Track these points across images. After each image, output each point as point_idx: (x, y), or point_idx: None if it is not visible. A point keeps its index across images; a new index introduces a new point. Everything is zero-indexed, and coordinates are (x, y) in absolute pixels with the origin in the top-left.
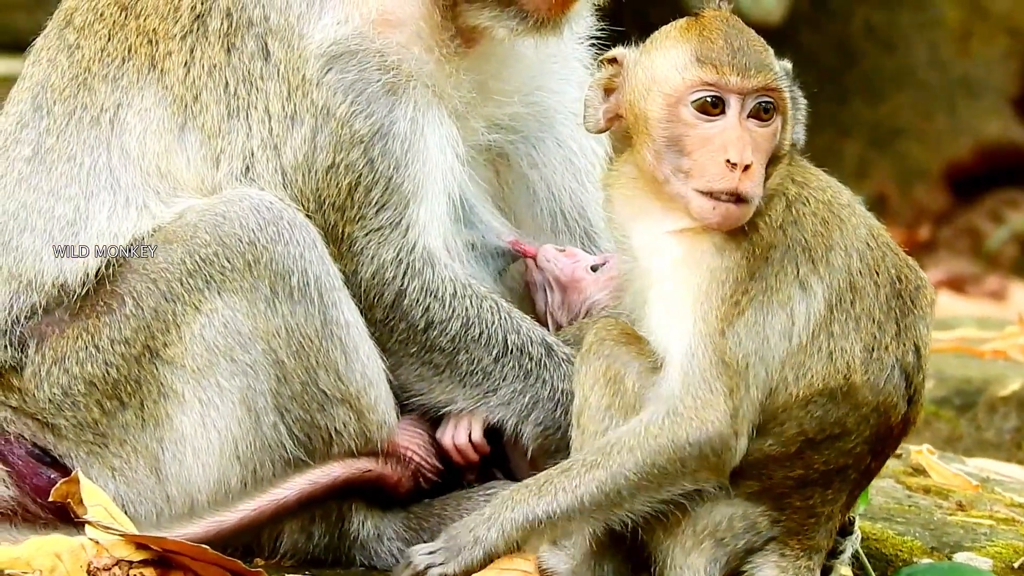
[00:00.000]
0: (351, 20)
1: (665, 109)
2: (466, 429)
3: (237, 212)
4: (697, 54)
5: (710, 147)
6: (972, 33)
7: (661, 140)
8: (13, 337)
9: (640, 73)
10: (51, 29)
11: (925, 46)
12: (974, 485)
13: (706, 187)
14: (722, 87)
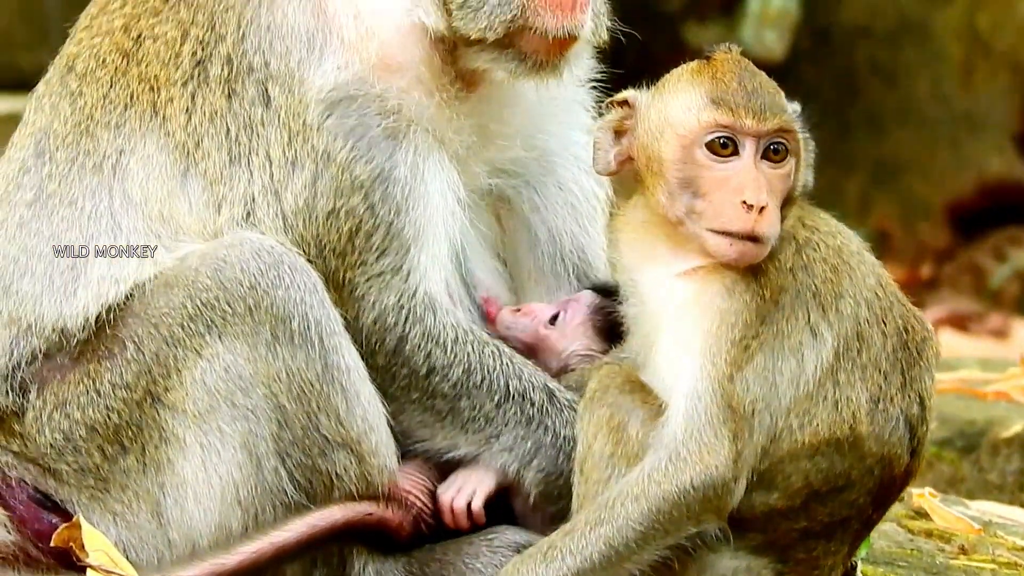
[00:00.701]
0: (351, 65)
1: (680, 151)
2: (467, 495)
3: (238, 256)
4: (712, 96)
5: (726, 188)
6: (975, 69)
7: (675, 181)
8: (14, 382)
9: (653, 115)
10: (53, 75)
11: (928, 81)
12: (977, 529)
13: (722, 228)
14: (737, 129)
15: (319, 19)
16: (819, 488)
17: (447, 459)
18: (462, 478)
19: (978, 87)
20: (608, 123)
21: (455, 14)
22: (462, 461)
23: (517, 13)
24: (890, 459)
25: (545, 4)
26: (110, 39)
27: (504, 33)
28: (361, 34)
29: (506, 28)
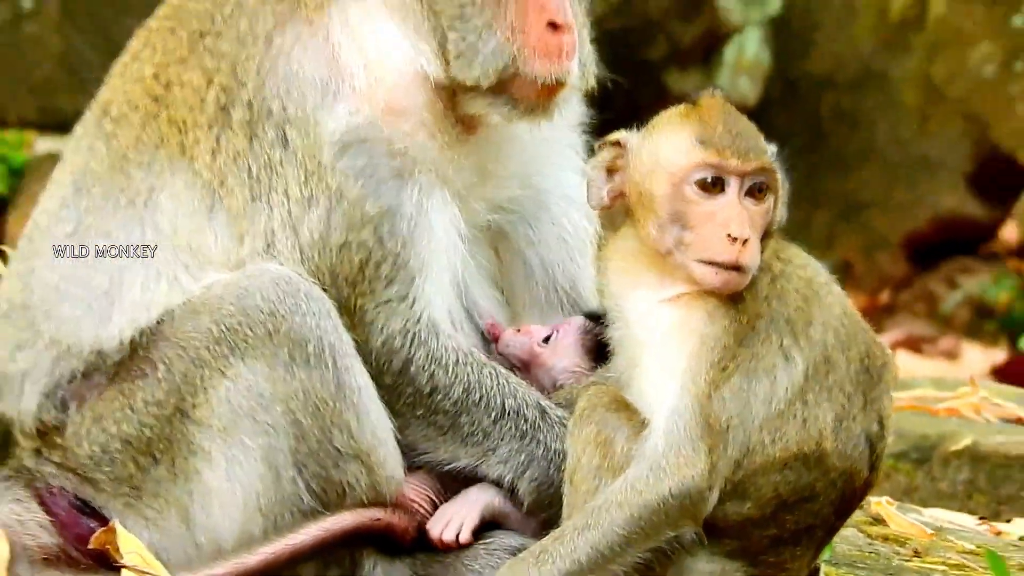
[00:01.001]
0: (362, 110)
1: (670, 188)
2: (456, 529)
3: (259, 285)
4: (699, 138)
5: (712, 223)
6: (930, 116)
7: (665, 215)
8: (56, 399)
9: (645, 155)
10: (90, 118)
11: (887, 127)
12: (929, 533)
13: (709, 258)
14: (723, 169)
15: (332, 68)
16: (787, 499)
17: (448, 470)
18: (450, 512)
19: (933, 132)
20: (601, 162)
21: (453, 63)
22: (462, 472)
23: (508, 61)
24: (852, 472)
25: (534, 53)
26: (141, 85)
27: (497, 80)
28: (370, 82)
29: (499, 75)
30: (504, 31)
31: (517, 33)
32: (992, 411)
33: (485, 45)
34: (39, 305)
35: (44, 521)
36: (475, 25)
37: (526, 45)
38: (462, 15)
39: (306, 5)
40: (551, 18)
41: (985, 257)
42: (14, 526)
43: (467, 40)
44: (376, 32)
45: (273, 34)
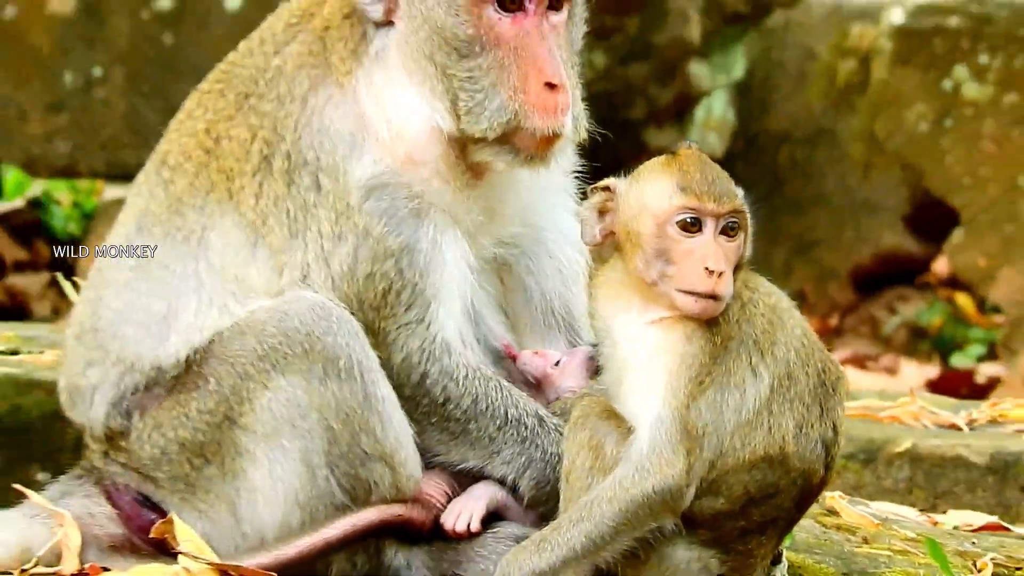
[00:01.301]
0: (384, 160)
1: (655, 227)
2: (466, 520)
3: (297, 310)
4: (680, 184)
5: (692, 258)
6: (873, 166)
7: (651, 251)
8: (121, 409)
9: (632, 199)
10: (150, 167)
11: (836, 176)
12: (876, 524)
13: (689, 288)
14: (701, 211)
15: (359, 123)
16: (755, 495)
17: (459, 469)
18: (460, 505)
19: (875, 180)
20: (593, 204)
21: (463, 118)
22: (471, 471)
23: (511, 117)
24: (810, 472)
25: (533, 109)
26: (195, 139)
27: (502, 133)
28: (392, 135)
29: (503, 128)
30: (507, 91)
31: (519, 92)
32: (928, 418)
33: (491, 103)
34: (107, 328)
35: (111, 514)
36: (482, 86)
37: (526, 103)
38: (471, 77)
39: (337, 70)
40: (548, 79)
41: (920, 287)
42: (85, 518)
43: (475, 99)
44: (396, 93)
45: (308, 95)
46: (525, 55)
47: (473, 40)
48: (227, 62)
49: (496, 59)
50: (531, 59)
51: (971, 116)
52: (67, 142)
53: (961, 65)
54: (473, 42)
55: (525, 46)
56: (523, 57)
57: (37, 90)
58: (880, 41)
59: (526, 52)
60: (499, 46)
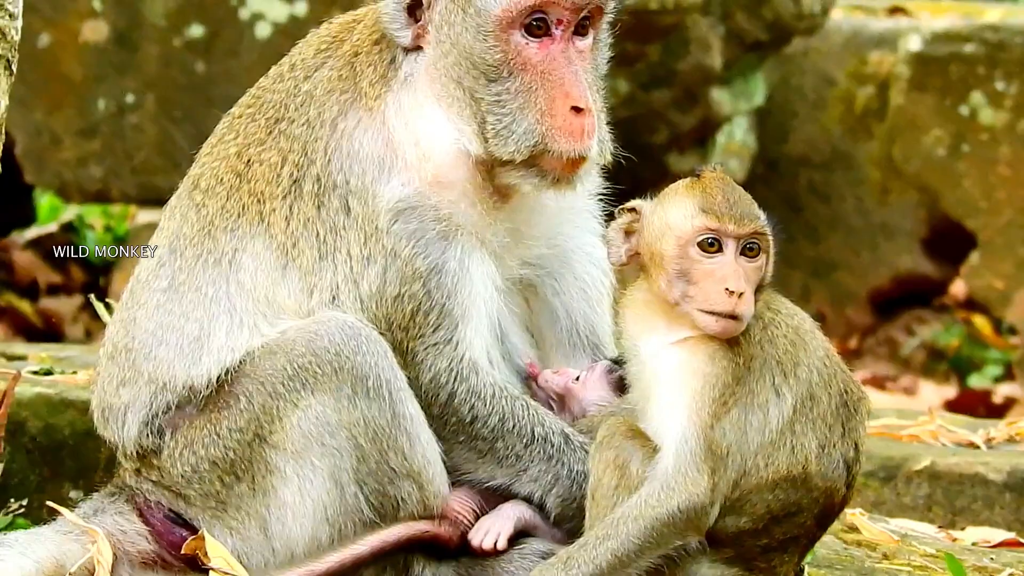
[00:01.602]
0: (412, 182)
1: (676, 248)
2: (493, 538)
3: (326, 330)
4: (702, 206)
5: (713, 279)
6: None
7: (673, 272)
8: (153, 427)
9: (656, 221)
10: (182, 190)
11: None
12: (896, 540)
13: (710, 308)
14: (722, 232)
15: (387, 147)
16: (777, 513)
17: (487, 487)
18: (488, 523)
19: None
20: (619, 225)
21: (490, 141)
22: (499, 488)
23: (538, 140)
24: (832, 491)
25: (560, 132)
26: (226, 163)
27: (528, 155)
28: (419, 158)
29: (530, 151)
30: (535, 114)
31: (546, 116)
32: (947, 437)
33: (518, 126)
34: (140, 348)
35: (143, 530)
36: (510, 109)
37: (553, 126)
38: (499, 101)
39: (366, 95)
40: (574, 103)
41: (937, 309)
42: (117, 534)
43: (503, 122)
44: (425, 117)
45: (338, 119)
46: (552, 79)
47: (501, 64)
48: (258, 87)
49: (523, 83)
50: (558, 83)
51: (987, 141)
52: (100, 167)
53: (977, 91)
54: (501, 66)
55: (552, 70)
56: (550, 81)
57: (70, 116)
58: (898, 67)
59: (553, 76)
60: (526, 70)
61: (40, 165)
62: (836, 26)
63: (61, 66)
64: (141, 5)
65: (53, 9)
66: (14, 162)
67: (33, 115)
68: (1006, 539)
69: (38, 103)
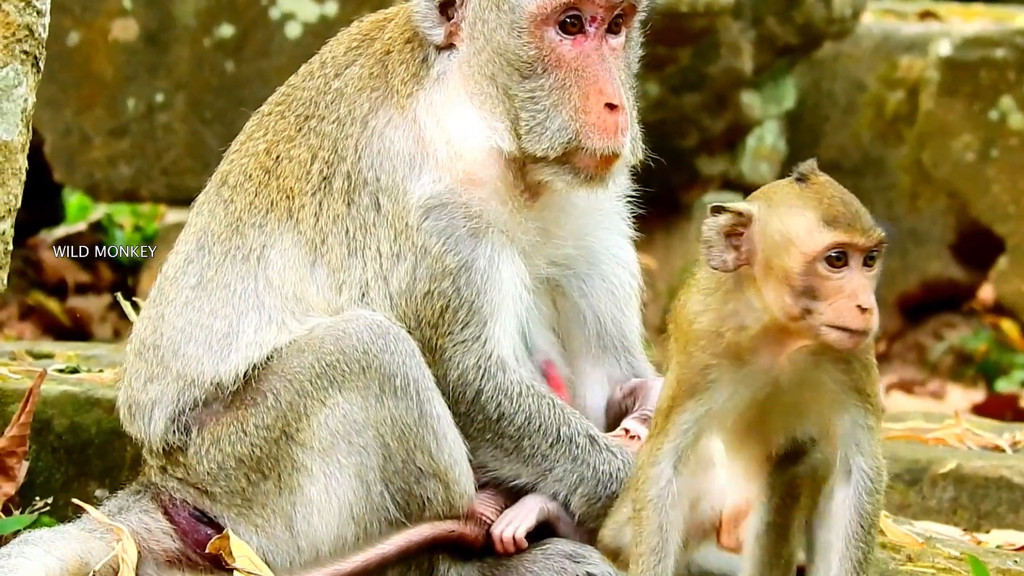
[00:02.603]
0: (443, 179)
1: (803, 265)
2: (514, 529)
3: (354, 328)
4: (826, 218)
5: (842, 294)
6: (919, 195)
7: (799, 288)
8: (180, 424)
9: (774, 232)
10: (210, 187)
11: (883, 204)
12: (920, 542)
13: (843, 325)
14: (851, 246)
15: (418, 145)
16: None
17: (512, 486)
18: (511, 515)
19: (921, 208)
20: (722, 227)
21: (524, 138)
22: (524, 487)
23: (572, 136)
24: None
25: (593, 129)
26: (255, 159)
27: (562, 152)
28: (451, 155)
29: (564, 148)
30: (568, 111)
31: (579, 113)
32: (973, 440)
33: (552, 123)
34: (167, 345)
35: (168, 528)
36: (543, 106)
37: (587, 123)
38: (532, 98)
39: (398, 93)
40: (608, 100)
41: (966, 314)
42: (142, 532)
43: (537, 118)
44: (456, 114)
45: (368, 117)
46: (586, 76)
47: (535, 61)
48: (288, 85)
49: (557, 80)
50: (592, 80)
51: (1016, 146)
52: (129, 167)
53: (1007, 96)
54: (535, 63)
55: (585, 67)
56: (584, 78)
57: (100, 116)
58: (928, 72)
59: (587, 73)
60: (560, 67)
61: (70, 164)
62: (867, 30)
63: (91, 65)
64: (171, 5)
65: (83, 8)
66: (43, 161)
67: (63, 114)
68: None
69: (68, 102)
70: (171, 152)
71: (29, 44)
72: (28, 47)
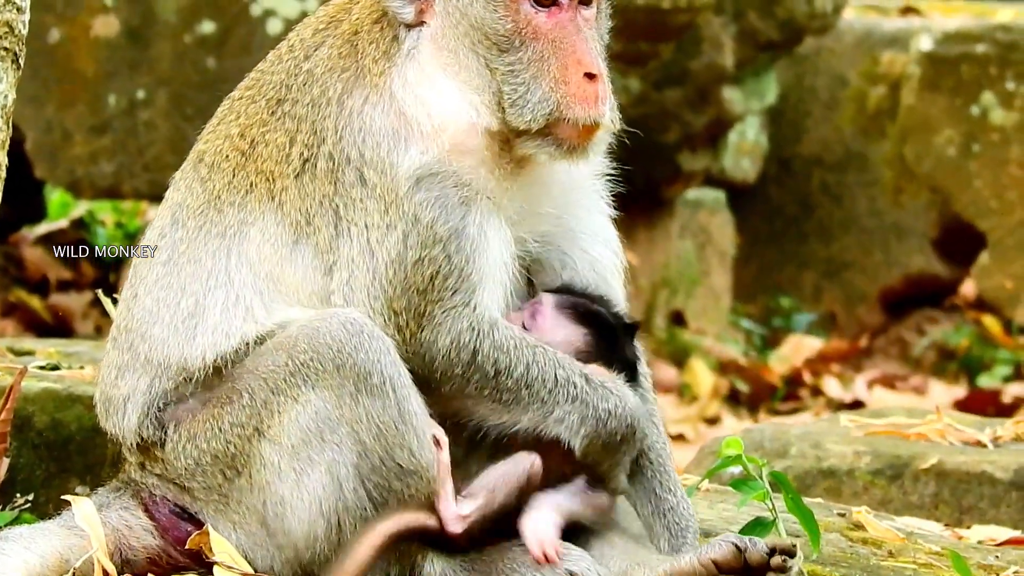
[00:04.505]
0: (430, 150)
1: None
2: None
3: (328, 327)
4: None
5: None
6: (902, 190)
7: None
8: (153, 418)
9: None
10: (187, 165)
11: (866, 200)
12: (901, 538)
13: None
14: None
15: (400, 120)
16: None
17: (513, 432)
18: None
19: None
20: None
21: (508, 112)
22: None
23: (553, 108)
24: None
25: (574, 99)
26: (230, 142)
27: (544, 124)
28: (435, 128)
29: (546, 120)
30: (549, 83)
31: (560, 84)
32: (954, 435)
33: (533, 95)
34: (137, 327)
35: (148, 525)
36: (524, 79)
37: (567, 94)
38: (512, 71)
39: (370, 72)
40: (587, 70)
41: (948, 309)
42: (123, 530)
43: (518, 91)
44: (434, 88)
45: (343, 97)
46: (563, 47)
47: (512, 35)
48: (256, 71)
49: (535, 52)
50: (569, 51)
51: (998, 141)
52: (111, 163)
53: (989, 91)
54: (513, 36)
55: (562, 38)
56: (561, 49)
57: (81, 112)
58: (909, 68)
59: (564, 44)
60: (537, 39)
61: (51, 161)
62: (848, 26)
63: (73, 62)
64: (153, 1)
65: (64, 4)
66: (24, 158)
67: (44, 111)
68: (1012, 537)
69: (49, 99)
70: (153, 148)
71: (9, 41)
72: (8, 43)
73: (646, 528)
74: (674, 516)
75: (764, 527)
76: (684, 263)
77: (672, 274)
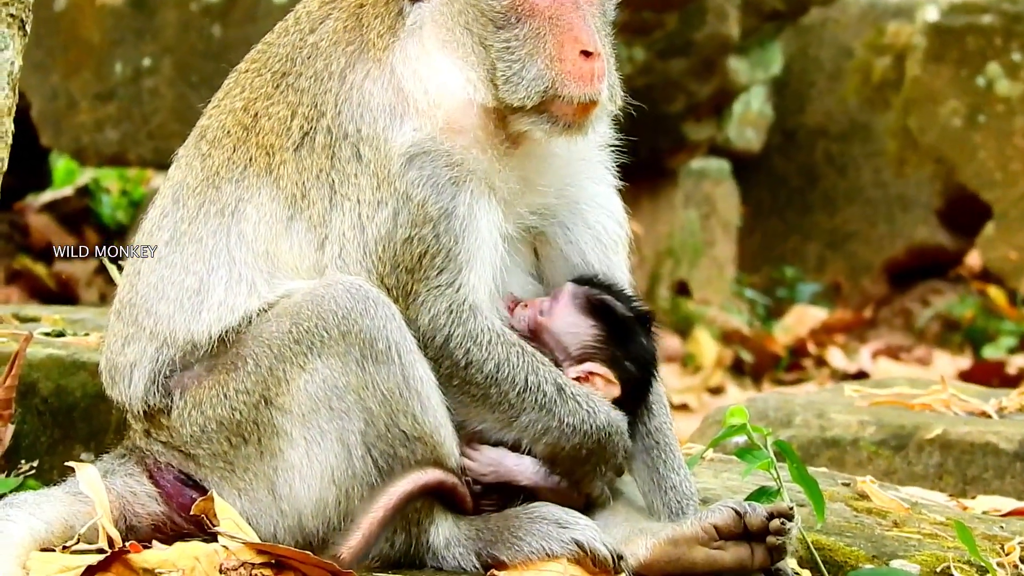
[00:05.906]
0: (424, 128)
1: None
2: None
3: (333, 293)
4: None
5: None
6: (906, 160)
7: None
8: (159, 384)
9: None
10: (190, 141)
11: (870, 170)
12: (906, 508)
13: None
14: None
15: (397, 95)
16: None
17: (477, 431)
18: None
19: (908, 175)
20: None
21: (501, 88)
22: (487, 434)
23: (548, 85)
24: None
25: (570, 77)
26: (233, 116)
27: (539, 101)
28: (431, 104)
29: (540, 97)
30: (544, 60)
31: (555, 61)
32: (959, 406)
33: (528, 72)
34: (142, 303)
35: (153, 492)
36: (519, 56)
37: (563, 71)
38: (508, 48)
39: (374, 46)
40: (583, 47)
41: (952, 280)
42: (128, 496)
43: (512, 68)
44: (433, 65)
45: (346, 71)
46: (560, 24)
47: (509, 11)
48: (263, 43)
49: (532, 29)
50: (566, 28)
51: (1003, 112)
52: (116, 131)
53: (994, 62)
54: (509, 13)
55: (560, 16)
56: (558, 26)
57: (87, 80)
58: (914, 38)
59: (561, 21)
60: (534, 16)
61: (57, 128)
62: None
63: (78, 30)
64: None
65: None
66: (30, 125)
67: (50, 78)
68: (1016, 508)
69: (55, 67)
70: (158, 116)
71: (16, 8)
72: (15, 10)
73: (647, 504)
74: (675, 494)
75: (768, 496)
76: (688, 233)
77: (676, 244)
